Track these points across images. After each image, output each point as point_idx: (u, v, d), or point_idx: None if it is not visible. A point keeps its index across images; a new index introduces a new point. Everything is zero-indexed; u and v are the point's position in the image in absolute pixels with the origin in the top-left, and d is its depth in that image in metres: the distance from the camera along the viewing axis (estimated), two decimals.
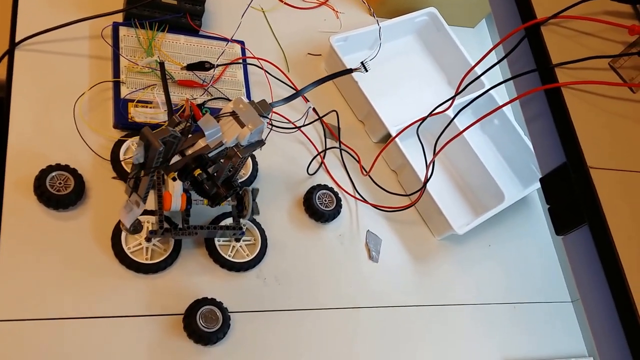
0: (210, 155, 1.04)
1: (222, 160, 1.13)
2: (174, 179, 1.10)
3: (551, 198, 0.92)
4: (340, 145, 1.51)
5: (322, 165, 1.46)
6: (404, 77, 1.71)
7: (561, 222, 0.90)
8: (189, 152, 1.03)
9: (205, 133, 1.01)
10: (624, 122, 0.93)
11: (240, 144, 1.08)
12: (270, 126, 1.34)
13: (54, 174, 1.16)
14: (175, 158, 1.02)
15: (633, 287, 0.79)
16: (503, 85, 1.75)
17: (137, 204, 1.08)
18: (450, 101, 1.17)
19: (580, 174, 0.85)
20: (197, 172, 1.05)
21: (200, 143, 1.03)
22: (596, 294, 0.86)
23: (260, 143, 1.12)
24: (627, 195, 0.86)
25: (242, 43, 1.50)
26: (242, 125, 1.05)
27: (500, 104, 1.60)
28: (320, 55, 1.63)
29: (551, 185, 0.92)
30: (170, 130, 0.97)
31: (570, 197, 0.88)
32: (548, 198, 0.93)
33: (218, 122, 1.04)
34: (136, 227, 1.12)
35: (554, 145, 0.92)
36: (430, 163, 1.24)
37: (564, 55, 0.94)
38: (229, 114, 1.05)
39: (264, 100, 1.10)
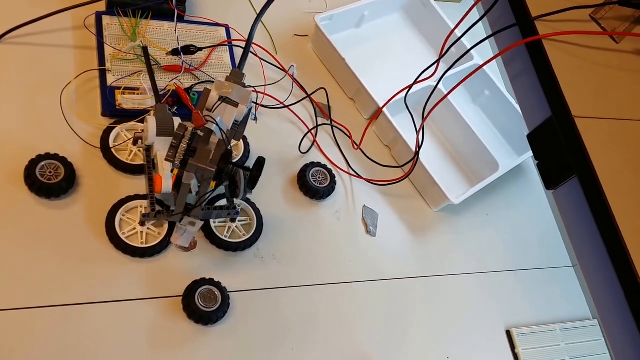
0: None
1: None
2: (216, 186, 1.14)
3: (539, 153, 0.92)
4: (331, 122, 1.50)
5: (315, 143, 1.46)
6: (393, 54, 1.71)
7: (550, 176, 0.90)
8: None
9: (215, 131, 1.03)
10: (608, 72, 0.92)
11: (236, 121, 1.09)
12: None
13: (43, 163, 1.15)
14: None
15: (625, 234, 0.78)
16: (490, 52, 1.75)
17: (193, 224, 1.10)
18: (435, 65, 1.17)
19: (566, 124, 0.85)
20: (229, 167, 1.09)
21: (214, 140, 1.04)
22: (589, 246, 0.85)
23: (251, 110, 1.13)
24: (613, 143, 0.85)
25: (226, 26, 1.49)
26: (235, 105, 1.06)
27: (489, 72, 1.62)
28: (307, 36, 1.63)
29: (538, 141, 0.92)
30: (210, 150, 1.01)
31: (557, 150, 0.87)
32: (536, 153, 0.92)
33: (213, 112, 1.05)
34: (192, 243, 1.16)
35: (539, 100, 0.91)
36: (419, 129, 1.24)
37: (543, 7, 0.93)
38: (219, 102, 1.05)
39: (233, 69, 1.09)
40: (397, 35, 1.75)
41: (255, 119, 1.13)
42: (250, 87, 1.12)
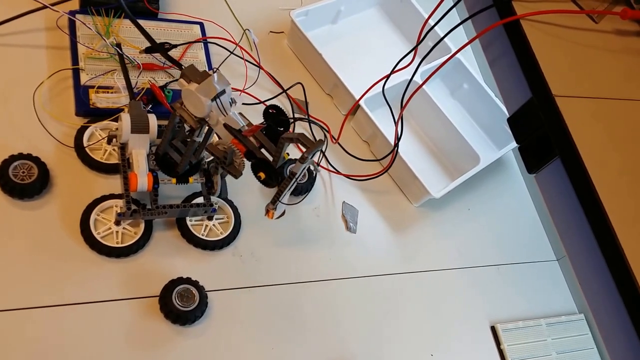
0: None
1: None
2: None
3: (520, 136, 0.91)
4: (308, 117, 1.48)
5: None
6: (370, 50, 1.70)
7: (532, 159, 0.89)
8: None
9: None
10: (588, 51, 0.92)
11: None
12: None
13: (16, 163, 1.13)
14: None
15: (610, 213, 0.77)
16: (468, 46, 1.74)
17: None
18: (413, 54, 1.15)
19: (547, 103, 0.84)
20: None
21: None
22: (574, 229, 0.84)
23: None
24: (594, 122, 0.84)
25: (201, 24, 1.48)
26: (222, 92, 1.05)
27: (467, 65, 1.61)
28: (282, 32, 1.61)
29: (519, 124, 0.91)
30: (299, 136, 1.06)
31: (539, 132, 0.86)
32: (517, 137, 0.91)
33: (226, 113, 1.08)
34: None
35: (519, 83, 0.90)
36: (398, 119, 1.22)
37: None
38: (213, 102, 1.05)
39: (185, 68, 1.07)
40: (374, 31, 1.74)
41: (234, 101, 1.11)
42: (215, 69, 1.13)
